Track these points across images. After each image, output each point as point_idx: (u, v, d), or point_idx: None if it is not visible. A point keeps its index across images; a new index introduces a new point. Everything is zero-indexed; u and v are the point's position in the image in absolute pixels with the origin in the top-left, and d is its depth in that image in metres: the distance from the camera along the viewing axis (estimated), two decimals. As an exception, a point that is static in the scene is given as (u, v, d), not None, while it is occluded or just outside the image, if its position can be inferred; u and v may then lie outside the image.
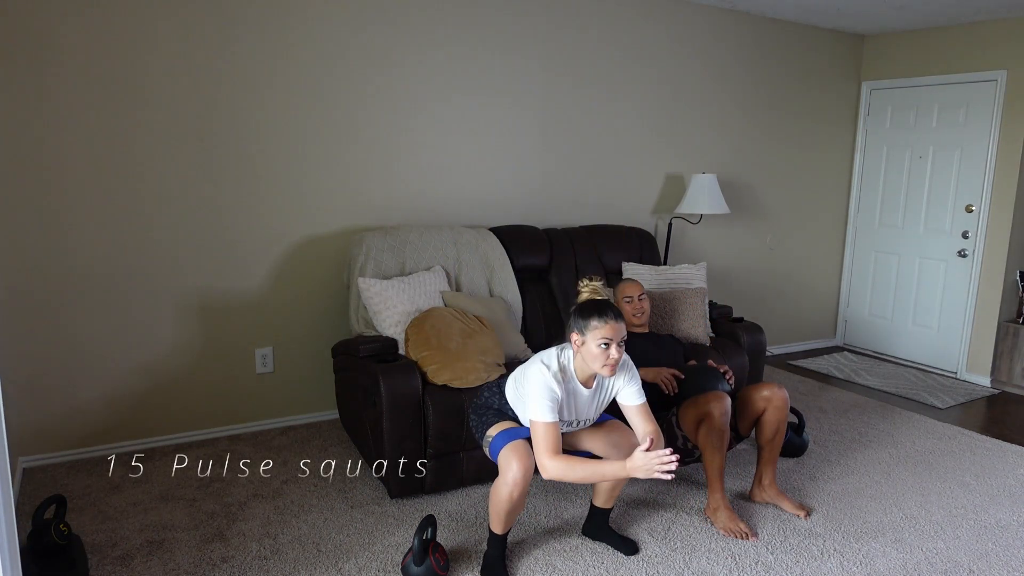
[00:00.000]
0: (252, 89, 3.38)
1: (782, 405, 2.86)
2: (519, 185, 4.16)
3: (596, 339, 2.20)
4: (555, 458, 2.19)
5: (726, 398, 2.72)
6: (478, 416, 2.50)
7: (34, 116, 2.99)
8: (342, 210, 3.68)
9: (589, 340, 2.22)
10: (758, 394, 2.90)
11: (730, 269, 5.12)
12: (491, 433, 2.40)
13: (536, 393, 2.23)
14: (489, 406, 2.49)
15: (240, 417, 3.63)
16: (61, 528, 2.34)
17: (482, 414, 2.49)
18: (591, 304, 2.26)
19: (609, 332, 2.20)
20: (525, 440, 2.33)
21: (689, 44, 4.58)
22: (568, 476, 2.17)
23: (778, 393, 2.87)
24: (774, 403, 2.86)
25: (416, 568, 2.33)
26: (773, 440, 2.90)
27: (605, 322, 2.21)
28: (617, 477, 2.16)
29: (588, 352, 2.23)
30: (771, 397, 2.87)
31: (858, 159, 5.54)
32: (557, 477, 2.18)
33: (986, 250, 4.81)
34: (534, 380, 2.26)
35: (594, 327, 2.21)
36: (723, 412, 2.69)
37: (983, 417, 4.21)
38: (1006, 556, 2.65)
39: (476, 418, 2.50)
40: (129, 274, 3.27)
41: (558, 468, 2.18)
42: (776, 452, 2.92)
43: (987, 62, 4.73)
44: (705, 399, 2.73)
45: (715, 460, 2.73)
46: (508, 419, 2.44)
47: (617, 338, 2.22)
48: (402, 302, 3.18)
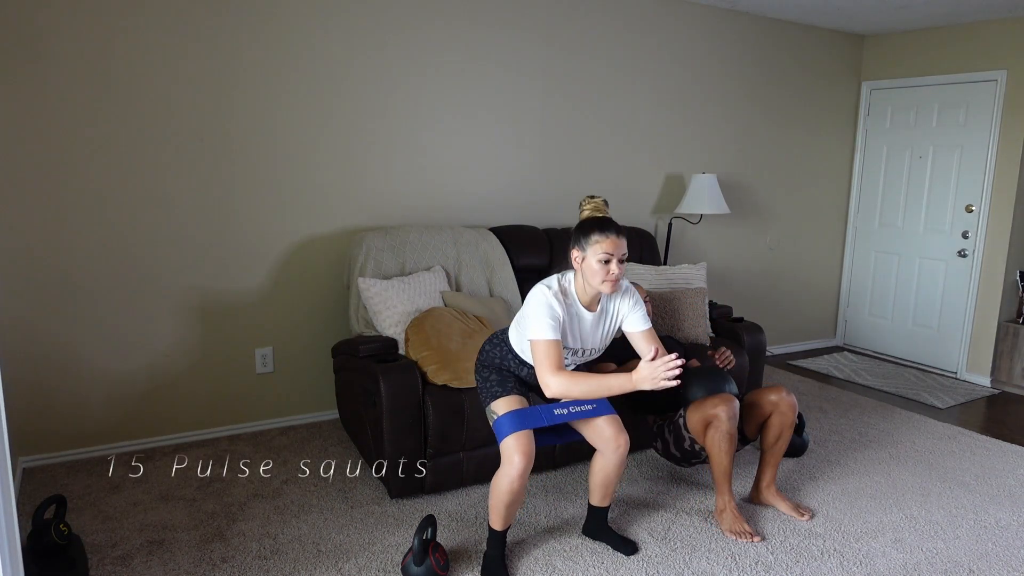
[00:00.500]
0: (252, 89, 3.38)
1: (788, 411, 2.84)
2: (519, 185, 4.16)
3: (597, 254, 2.22)
4: (557, 374, 2.20)
5: (734, 401, 2.70)
6: (480, 376, 2.51)
7: (33, 116, 2.99)
8: (342, 210, 3.69)
9: (590, 255, 2.23)
10: (765, 398, 2.88)
11: (730, 269, 5.12)
12: (496, 409, 2.39)
13: (536, 311, 2.24)
14: (490, 362, 2.50)
15: (240, 417, 3.63)
16: (61, 528, 2.34)
17: (484, 374, 2.50)
18: (592, 220, 2.27)
19: (610, 246, 2.21)
20: (530, 431, 2.33)
21: (689, 44, 4.58)
22: (572, 391, 2.18)
23: (786, 399, 2.84)
24: (781, 408, 2.84)
25: (416, 568, 2.33)
26: (776, 445, 2.88)
27: (606, 236, 2.22)
28: (623, 390, 2.17)
29: (589, 268, 2.24)
30: (778, 402, 2.84)
31: (858, 159, 5.54)
32: (560, 393, 2.19)
33: (986, 250, 4.81)
34: (534, 299, 2.27)
35: (595, 241, 2.22)
36: (731, 416, 2.66)
37: (983, 417, 4.21)
38: (1006, 556, 2.65)
39: (479, 378, 2.52)
40: (129, 274, 3.27)
41: (561, 384, 2.18)
42: (778, 456, 2.91)
43: (987, 62, 4.73)
44: (713, 402, 2.70)
45: (722, 463, 2.70)
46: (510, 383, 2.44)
47: (618, 253, 2.23)
48: (402, 302, 3.18)
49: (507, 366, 2.49)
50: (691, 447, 2.84)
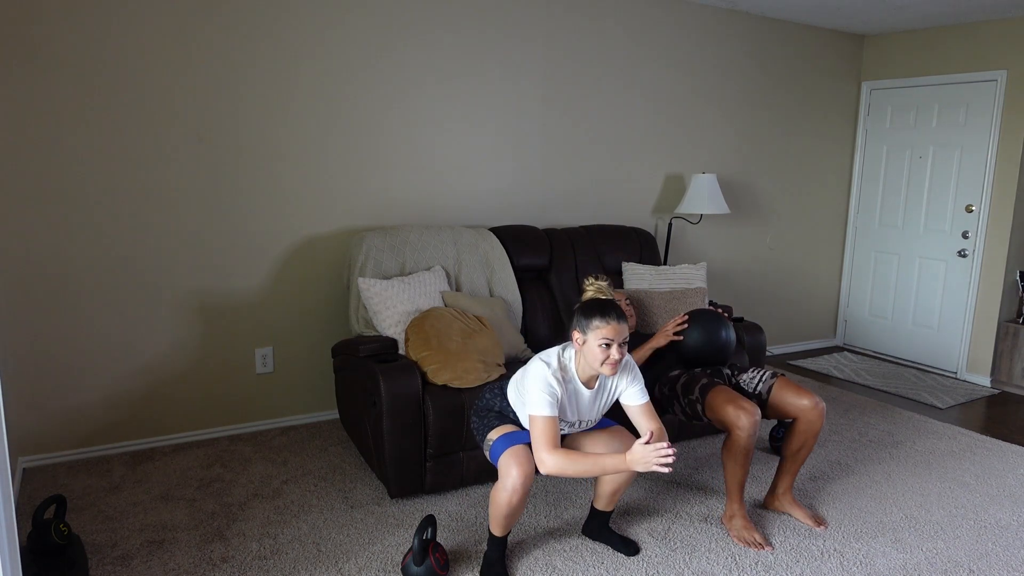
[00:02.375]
0: (252, 89, 3.38)
1: (817, 420, 2.69)
2: (519, 185, 4.16)
3: (598, 338, 2.21)
4: (553, 452, 2.19)
5: (756, 411, 2.57)
6: (479, 418, 2.50)
7: (33, 116, 2.99)
8: (342, 210, 3.69)
9: (591, 339, 2.22)
10: (797, 402, 2.73)
11: (730, 269, 5.12)
12: (492, 436, 2.39)
13: (535, 388, 2.24)
14: (491, 408, 2.49)
15: (240, 417, 3.63)
16: (61, 528, 2.34)
17: (483, 416, 2.49)
18: (594, 303, 2.27)
19: (611, 332, 2.21)
20: (526, 445, 2.32)
21: (690, 44, 4.58)
22: (567, 470, 2.17)
23: (817, 408, 2.69)
24: (809, 416, 2.70)
25: (416, 568, 2.33)
26: (798, 453, 2.77)
27: (607, 322, 2.21)
28: (617, 470, 2.16)
29: (590, 351, 2.24)
30: (808, 409, 2.69)
31: (858, 159, 5.54)
32: (556, 472, 2.19)
33: (986, 250, 4.81)
34: (533, 375, 2.26)
35: (596, 327, 2.21)
36: (751, 432, 2.56)
37: (983, 417, 4.21)
38: (1006, 556, 2.65)
39: (477, 420, 2.50)
40: (129, 274, 3.27)
41: (556, 462, 2.18)
42: (799, 465, 2.80)
43: (987, 62, 4.73)
44: (735, 409, 2.58)
45: (736, 474, 2.66)
46: (509, 422, 2.44)
47: (619, 338, 2.22)
48: (402, 302, 3.18)
49: (507, 415, 2.47)
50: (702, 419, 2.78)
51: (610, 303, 2.27)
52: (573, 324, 2.30)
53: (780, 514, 2.91)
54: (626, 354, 2.34)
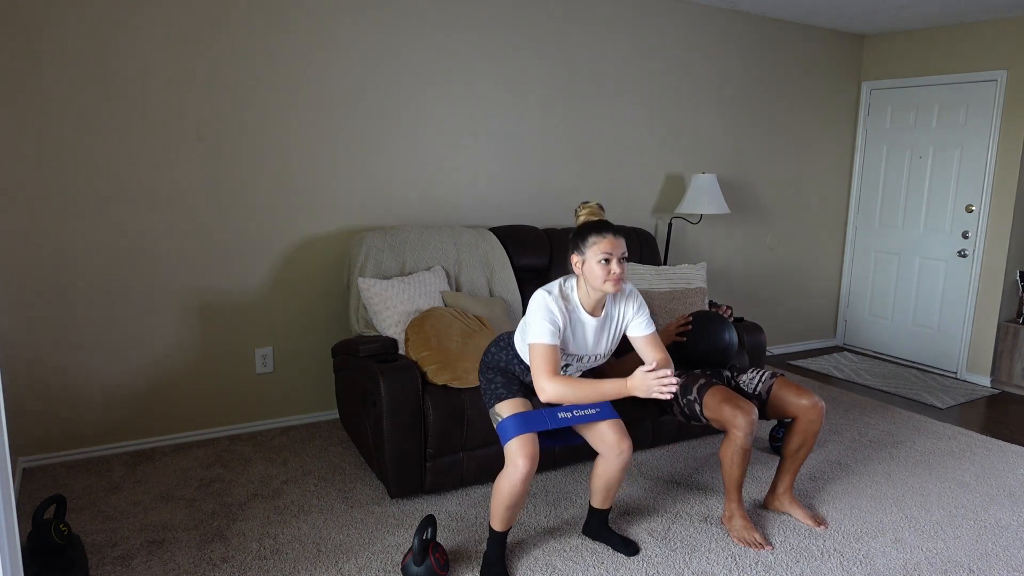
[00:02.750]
0: (252, 89, 3.38)
1: (816, 419, 2.71)
2: (519, 185, 4.16)
3: (596, 255, 2.21)
4: (553, 379, 2.20)
5: (753, 411, 2.58)
6: (485, 377, 2.51)
7: (33, 117, 2.99)
8: (342, 210, 3.69)
9: (589, 257, 2.22)
10: (797, 401, 2.73)
11: (730, 269, 5.12)
12: (502, 411, 2.38)
13: (536, 316, 2.24)
14: (496, 364, 2.50)
15: (240, 417, 3.63)
16: (61, 528, 2.34)
17: (489, 375, 2.50)
18: (588, 223, 2.28)
19: (608, 246, 2.21)
20: (534, 435, 2.33)
21: (689, 44, 4.58)
22: (567, 396, 2.18)
23: (817, 407, 2.70)
24: (808, 415, 2.71)
25: (416, 568, 2.33)
26: (798, 452, 2.78)
27: (603, 236, 2.22)
28: (618, 394, 2.17)
29: (590, 271, 2.24)
30: (809, 408, 2.71)
31: (858, 159, 5.54)
32: (555, 398, 2.20)
33: (986, 250, 4.81)
34: (534, 304, 2.27)
35: (592, 243, 2.22)
36: (748, 432, 2.56)
37: (983, 417, 4.21)
38: (1006, 556, 2.65)
39: (484, 380, 2.52)
40: (129, 274, 3.27)
41: (556, 389, 2.19)
42: (799, 464, 2.81)
43: (987, 62, 4.73)
44: (732, 409, 2.59)
45: (735, 473, 2.65)
46: (515, 385, 2.44)
47: (617, 252, 2.22)
48: (402, 302, 3.18)
49: (512, 370, 2.49)
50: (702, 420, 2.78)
51: (603, 220, 2.28)
52: (570, 249, 2.30)
53: (780, 514, 2.91)
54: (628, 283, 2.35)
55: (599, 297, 2.31)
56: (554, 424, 2.36)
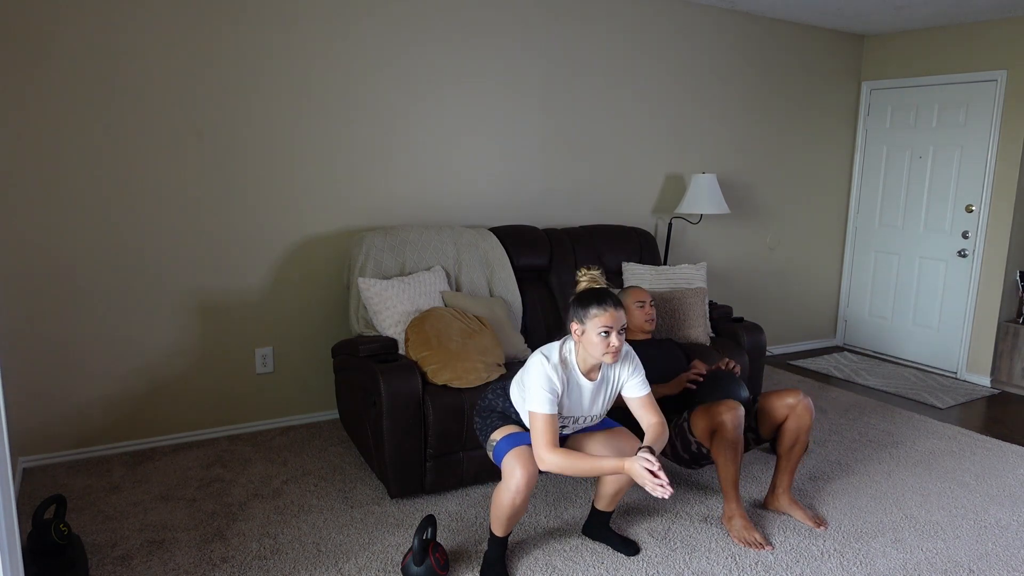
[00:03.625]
0: (251, 88, 3.38)
1: (805, 414, 2.77)
2: (519, 185, 4.16)
3: (596, 327, 2.20)
4: (552, 451, 2.19)
5: (739, 407, 2.65)
6: (482, 419, 2.49)
7: (32, 116, 2.99)
8: (342, 210, 3.69)
9: (589, 329, 2.21)
10: (781, 401, 2.81)
11: (730, 269, 5.12)
12: (495, 437, 2.39)
13: (534, 384, 2.23)
14: (493, 408, 2.49)
15: (240, 417, 3.63)
16: (61, 528, 2.34)
17: (486, 417, 2.48)
18: (590, 293, 2.25)
19: (609, 320, 2.20)
20: (529, 446, 2.32)
21: (689, 44, 4.58)
22: (566, 469, 2.18)
23: (802, 402, 2.78)
24: (797, 411, 2.77)
25: (416, 568, 2.33)
26: (792, 449, 2.82)
27: (604, 310, 2.20)
28: (615, 472, 2.16)
29: (589, 341, 2.23)
30: (795, 405, 2.78)
31: (858, 159, 5.54)
32: (554, 469, 2.19)
33: (986, 250, 4.81)
34: (533, 371, 2.26)
35: (594, 315, 2.20)
36: (736, 424, 2.61)
37: (983, 417, 4.21)
38: (1006, 556, 2.65)
39: (480, 421, 2.50)
40: (129, 274, 3.27)
41: (555, 461, 2.18)
42: (794, 462, 2.84)
43: (987, 62, 4.73)
44: (717, 409, 2.65)
45: (728, 470, 2.67)
46: (512, 422, 2.44)
47: (617, 326, 2.22)
48: (402, 302, 3.18)
49: (509, 415, 2.47)
50: (698, 450, 2.82)
51: (605, 291, 2.25)
52: (570, 316, 2.28)
53: (780, 514, 2.91)
54: (625, 343, 2.34)
55: (596, 361, 2.30)
56: None
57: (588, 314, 2.21)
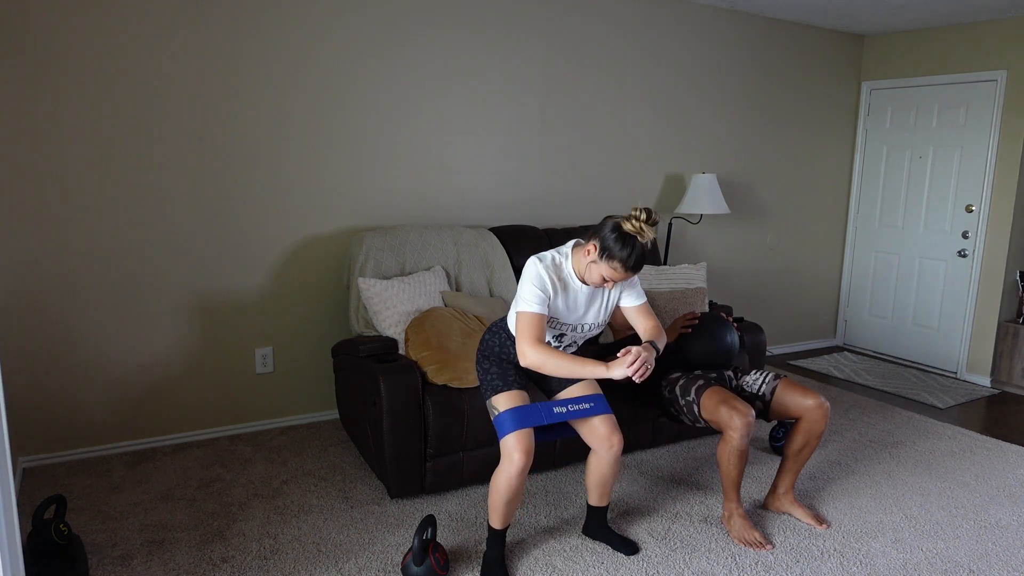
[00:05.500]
0: (253, 90, 3.38)
1: (820, 420, 2.70)
2: (519, 185, 4.16)
3: (605, 271, 2.23)
4: (535, 346, 2.23)
5: (750, 412, 2.56)
6: (481, 368, 2.52)
7: (33, 116, 2.99)
8: (342, 210, 3.69)
9: (600, 265, 2.23)
10: (801, 402, 2.73)
11: (730, 269, 5.12)
12: (497, 405, 2.39)
13: (526, 283, 2.27)
14: (490, 351, 2.52)
15: (240, 417, 3.63)
16: (61, 528, 2.34)
17: (485, 365, 2.51)
18: (629, 244, 2.18)
19: (620, 277, 2.23)
20: (530, 430, 2.34)
21: (689, 44, 4.58)
22: (546, 364, 2.22)
23: (821, 407, 2.69)
24: (814, 415, 2.70)
25: (416, 568, 2.33)
26: (800, 452, 2.77)
27: (625, 269, 2.21)
28: (596, 376, 2.20)
29: (591, 269, 2.27)
30: (813, 408, 2.70)
31: (858, 159, 5.54)
32: (535, 364, 2.23)
33: (986, 250, 4.81)
34: (526, 272, 2.30)
35: (614, 266, 2.21)
36: (745, 434, 2.56)
37: (983, 417, 4.21)
38: (1006, 556, 2.65)
39: (480, 369, 2.53)
40: (129, 274, 3.27)
41: (537, 356, 2.23)
42: (800, 465, 2.80)
43: (987, 62, 4.73)
44: (729, 413, 2.57)
45: (730, 473, 2.65)
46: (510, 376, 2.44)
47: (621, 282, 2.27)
48: (402, 302, 3.18)
49: (506, 355, 2.50)
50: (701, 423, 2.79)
51: (641, 249, 2.20)
52: (596, 235, 2.24)
53: (780, 514, 2.91)
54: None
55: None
56: (550, 419, 2.38)
57: (612, 258, 2.20)
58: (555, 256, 2.34)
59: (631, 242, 2.18)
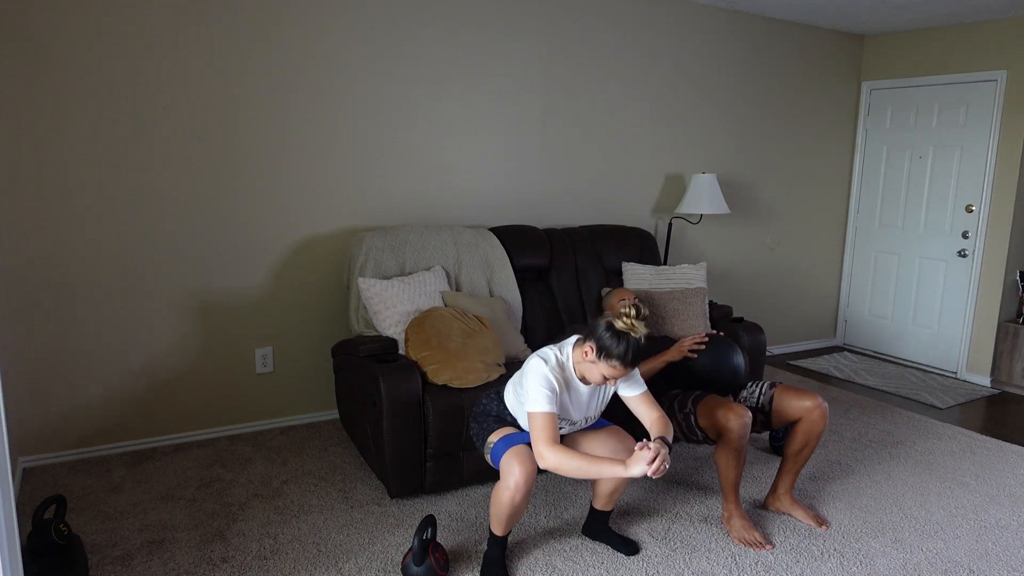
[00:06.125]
0: (253, 90, 3.38)
1: (819, 420, 2.72)
2: (519, 185, 4.16)
3: (605, 371, 2.23)
4: (552, 448, 2.19)
5: (746, 414, 2.60)
6: (478, 424, 2.50)
7: (34, 116, 2.99)
8: (342, 210, 3.69)
9: (600, 366, 2.23)
10: (799, 403, 2.75)
11: (730, 269, 5.12)
12: (492, 440, 2.40)
13: (534, 384, 2.24)
14: (488, 413, 2.50)
15: (240, 417, 3.63)
16: (61, 528, 2.34)
17: (482, 421, 2.49)
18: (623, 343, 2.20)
19: (620, 374, 2.22)
20: (526, 445, 2.33)
21: (689, 44, 4.58)
22: (565, 467, 2.18)
23: (820, 408, 2.72)
24: (813, 416, 2.72)
25: (416, 568, 2.33)
26: (800, 453, 2.78)
27: (624, 365, 2.20)
28: (615, 475, 2.16)
29: (589, 370, 2.26)
30: (812, 409, 2.72)
31: (858, 159, 5.54)
32: (554, 468, 2.19)
33: (986, 250, 4.81)
34: (532, 372, 2.27)
35: (612, 364, 2.20)
36: (742, 432, 2.58)
37: (983, 417, 4.21)
38: (1006, 556, 2.65)
39: (476, 426, 2.50)
40: (129, 274, 3.27)
41: (556, 458, 2.18)
42: (800, 465, 2.81)
43: (987, 62, 4.73)
44: (725, 414, 2.60)
45: (729, 474, 2.65)
46: (508, 425, 2.44)
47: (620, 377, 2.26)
48: (402, 302, 3.18)
49: (504, 418, 2.48)
50: (705, 439, 2.80)
51: (636, 345, 2.21)
52: (591, 334, 2.26)
53: (780, 514, 2.91)
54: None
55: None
56: None
57: (609, 357, 2.20)
58: (558, 356, 2.33)
59: (626, 339, 2.20)
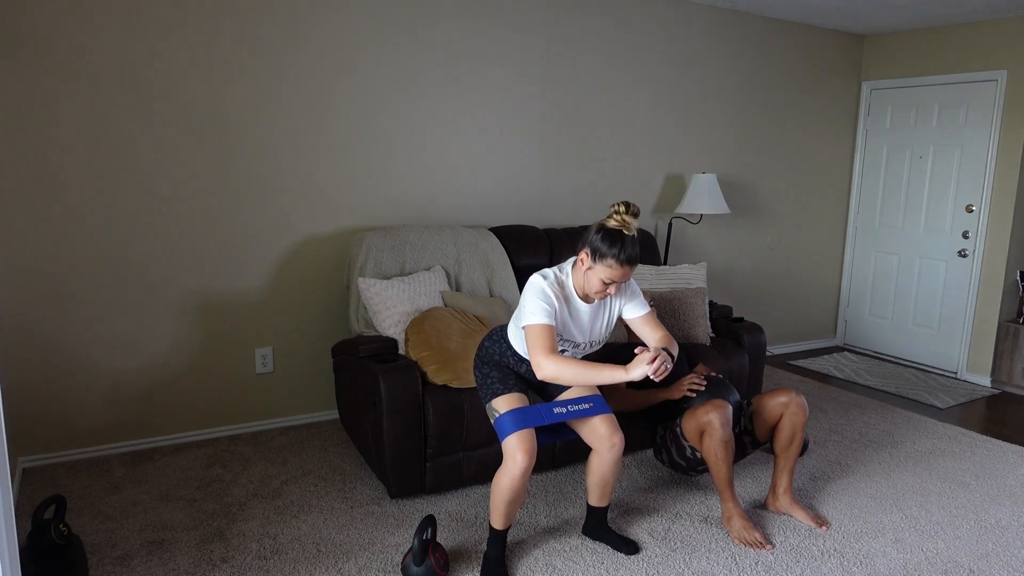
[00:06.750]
0: (251, 90, 3.38)
1: (799, 411, 2.80)
2: (519, 185, 4.16)
3: (603, 274, 2.21)
4: (550, 356, 2.20)
5: (726, 407, 2.68)
6: (480, 372, 2.52)
7: (32, 116, 2.99)
8: (342, 210, 3.68)
9: (597, 269, 2.22)
10: (774, 400, 2.84)
11: (730, 269, 5.12)
12: (498, 407, 2.40)
13: (531, 298, 2.25)
14: (490, 358, 2.52)
15: (240, 417, 3.63)
16: (61, 528, 2.34)
17: (484, 370, 2.51)
18: (617, 238, 2.19)
19: (618, 275, 2.20)
20: (532, 430, 2.35)
21: (689, 44, 4.58)
22: (564, 375, 2.19)
23: (795, 399, 2.81)
24: (791, 409, 2.80)
25: (416, 568, 2.33)
26: (789, 448, 2.84)
27: (620, 264, 2.19)
28: (615, 380, 2.17)
29: (588, 280, 2.25)
30: (788, 403, 2.81)
31: (858, 159, 5.54)
32: (553, 377, 2.20)
33: (986, 250, 4.81)
34: (530, 288, 2.29)
35: (608, 264, 2.19)
36: (724, 422, 2.64)
37: (983, 417, 4.21)
38: (1006, 556, 2.65)
39: (479, 374, 2.53)
40: (129, 274, 3.27)
41: (554, 366, 2.19)
42: (792, 460, 2.86)
43: (987, 62, 4.73)
44: (704, 409, 2.69)
45: (720, 469, 2.68)
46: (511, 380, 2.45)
47: (621, 281, 2.23)
48: (402, 302, 3.18)
49: (506, 363, 2.51)
50: (692, 455, 2.86)
51: (631, 241, 2.19)
52: (585, 242, 2.24)
53: (781, 515, 2.91)
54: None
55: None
56: (550, 420, 2.38)
57: (604, 257, 2.19)
58: (557, 274, 2.33)
59: (619, 237, 2.20)
